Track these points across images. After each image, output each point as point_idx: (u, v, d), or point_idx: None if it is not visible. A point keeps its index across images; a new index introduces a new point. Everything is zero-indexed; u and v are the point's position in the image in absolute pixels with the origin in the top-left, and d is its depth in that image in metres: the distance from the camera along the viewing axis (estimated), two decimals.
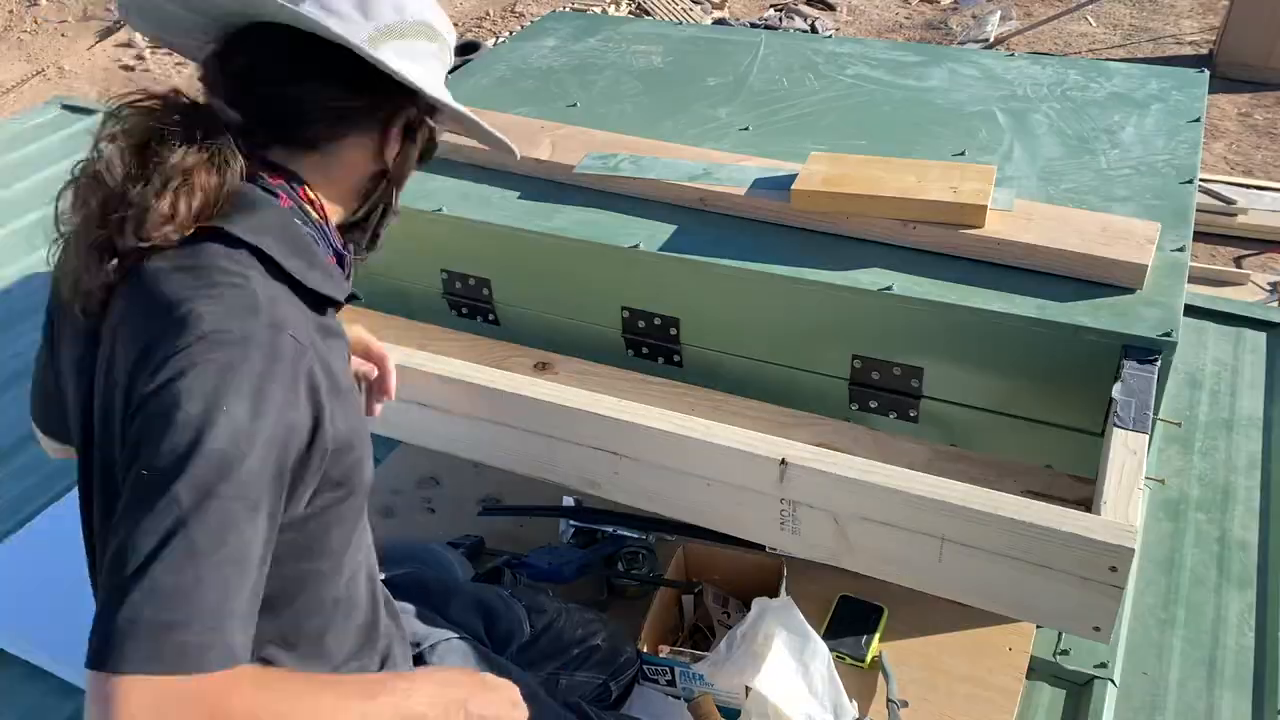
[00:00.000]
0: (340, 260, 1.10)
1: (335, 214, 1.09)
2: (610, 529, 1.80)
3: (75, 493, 1.04)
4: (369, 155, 1.07)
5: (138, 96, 0.99)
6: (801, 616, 1.45)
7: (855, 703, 1.44)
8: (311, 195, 1.05)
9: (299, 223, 1.02)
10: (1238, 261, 4.44)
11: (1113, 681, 1.58)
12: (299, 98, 1.02)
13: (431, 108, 1.10)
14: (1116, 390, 1.31)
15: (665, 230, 1.67)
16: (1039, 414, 1.50)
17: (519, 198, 1.80)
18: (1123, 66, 2.14)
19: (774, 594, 1.54)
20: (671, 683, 1.52)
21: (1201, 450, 2.01)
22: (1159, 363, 1.34)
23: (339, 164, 1.06)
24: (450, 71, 1.18)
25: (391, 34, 1.02)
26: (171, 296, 0.90)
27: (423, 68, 1.06)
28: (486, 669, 1.32)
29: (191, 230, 0.94)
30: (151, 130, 0.96)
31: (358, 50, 0.98)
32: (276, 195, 1.01)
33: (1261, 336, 2.31)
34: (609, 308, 1.74)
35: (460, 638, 1.36)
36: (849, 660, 1.58)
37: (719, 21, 7.18)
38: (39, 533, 1.96)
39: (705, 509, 1.37)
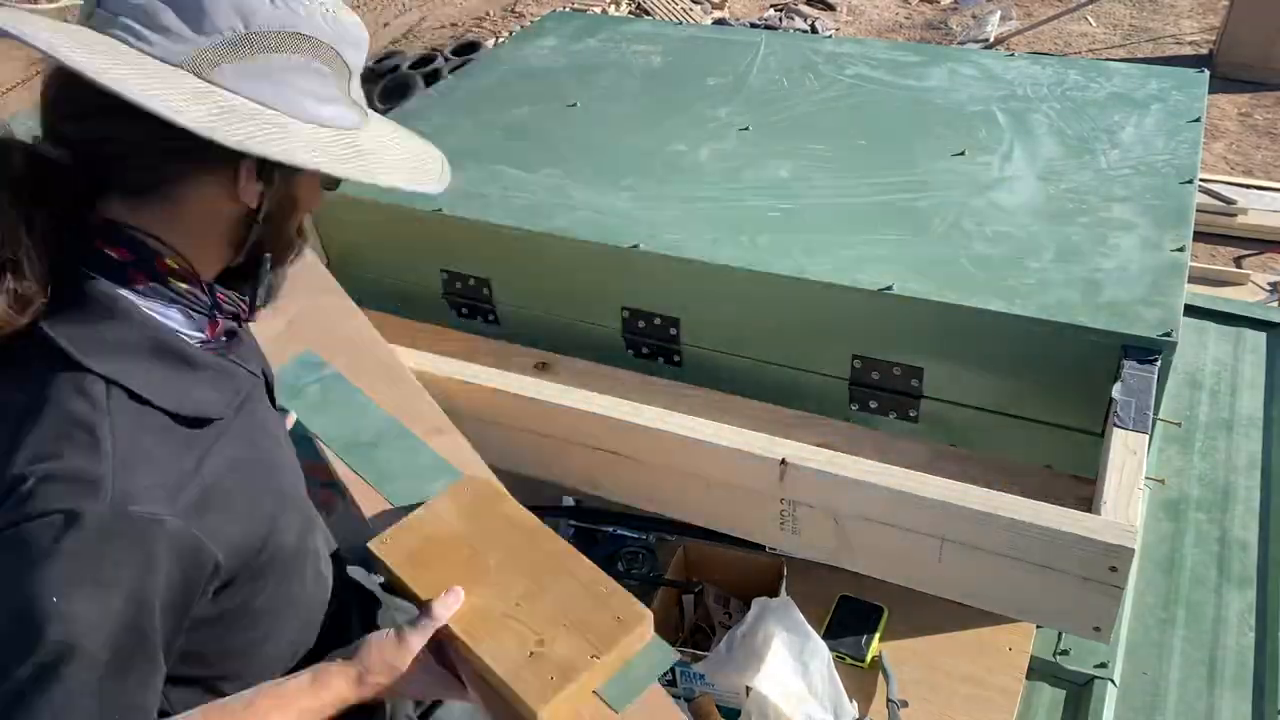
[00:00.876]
0: (234, 318, 0.96)
1: (209, 268, 0.93)
2: (610, 529, 1.80)
3: None
4: (225, 197, 0.88)
5: None
6: (801, 616, 1.45)
7: (855, 703, 1.44)
8: (171, 263, 0.88)
9: (160, 316, 0.88)
10: (1238, 261, 4.43)
11: (1113, 681, 1.58)
12: (109, 135, 0.84)
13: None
14: (1116, 390, 1.31)
15: (665, 230, 1.67)
16: (1039, 414, 1.50)
17: (519, 198, 1.80)
18: (1123, 66, 2.14)
19: (774, 594, 1.54)
20: (672, 683, 1.52)
21: (1201, 450, 2.01)
22: (1159, 363, 1.34)
23: (191, 212, 0.88)
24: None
25: (235, 52, 0.83)
26: (10, 446, 0.80)
27: (278, 87, 0.85)
28: None
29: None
30: None
31: (118, 91, 0.76)
32: (124, 274, 0.86)
33: (1261, 336, 2.31)
34: (609, 308, 1.74)
35: None
36: (849, 660, 1.58)
37: (719, 21, 7.17)
38: None
39: (705, 509, 1.37)
